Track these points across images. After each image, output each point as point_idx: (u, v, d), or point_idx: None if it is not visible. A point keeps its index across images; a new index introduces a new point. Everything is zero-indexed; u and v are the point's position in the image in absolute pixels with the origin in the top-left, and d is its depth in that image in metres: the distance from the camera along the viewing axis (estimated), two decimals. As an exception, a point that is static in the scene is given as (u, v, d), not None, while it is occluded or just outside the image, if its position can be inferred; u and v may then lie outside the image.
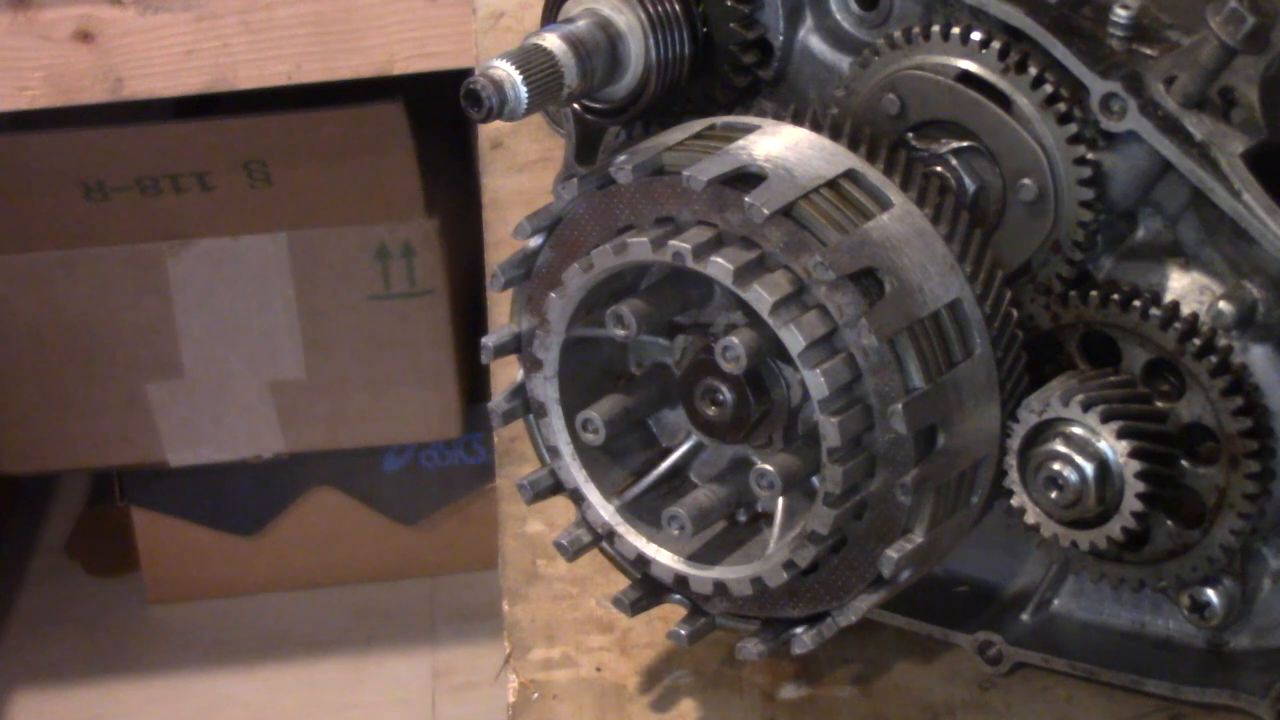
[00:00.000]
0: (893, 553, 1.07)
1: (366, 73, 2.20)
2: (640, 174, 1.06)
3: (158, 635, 3.16)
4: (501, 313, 1.12)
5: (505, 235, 1.42)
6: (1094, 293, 1.12)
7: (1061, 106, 1.09)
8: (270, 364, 2.88)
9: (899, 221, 1.07)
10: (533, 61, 1.10)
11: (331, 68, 2.20)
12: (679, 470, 1.16)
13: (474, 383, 2.91)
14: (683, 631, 1.15)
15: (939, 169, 1.13)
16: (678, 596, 1.16)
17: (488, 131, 1.52)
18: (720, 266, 1.03)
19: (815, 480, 1.07)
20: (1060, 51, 1.08)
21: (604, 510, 1.14)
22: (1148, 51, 1.10)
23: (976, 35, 1.11)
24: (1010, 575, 1.22)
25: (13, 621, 3.15)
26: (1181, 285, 1.12)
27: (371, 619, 3.19)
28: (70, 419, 2.90)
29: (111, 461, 2.98)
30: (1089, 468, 1.08)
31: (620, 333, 1.09)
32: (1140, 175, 1.10)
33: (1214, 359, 1.09)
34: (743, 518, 1.15)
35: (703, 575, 1.12)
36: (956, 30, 1.11)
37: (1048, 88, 1.09)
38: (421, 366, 2.87)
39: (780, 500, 1.09)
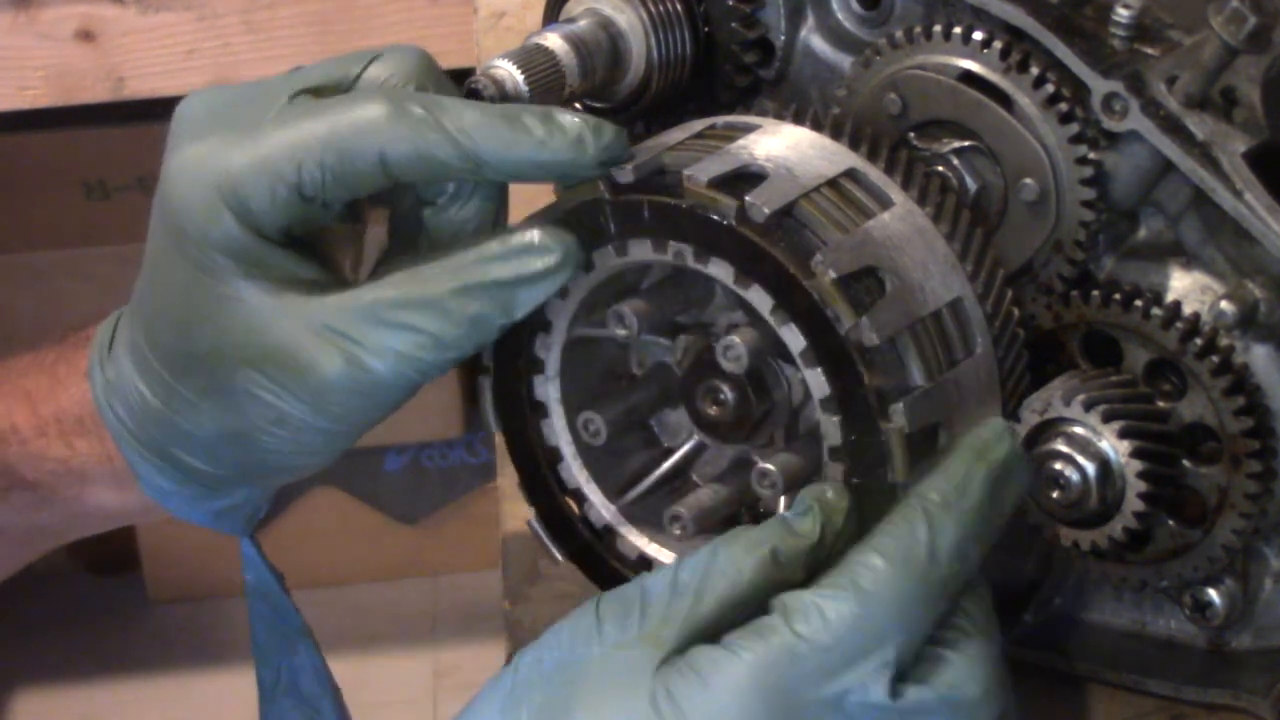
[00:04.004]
0: (894, 552, 1.07)
1: (367, 72, 2.19)
2: (641, 174, 1.06)
3: (158, 635, 3.17)
4: (503, 312, 1.12)
5: (506, 235, 1.42)
6: (1095, 292, 1.12)
7: (1063, 106, 1.09)
8: (271, 364, 2.88)
9: (900, 220, 1.07)
10: (534, 61, 1.10)
11: (332, 68, 2.19)
12: (681, 470, 1.16)
13: (475, 382, 2.92)
14: None
15: (940, 168, 1.13)
16: None
17: (489, 131, 1.52)
18: (721, 267, 1.03)
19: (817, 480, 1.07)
20: (1062, 51, 1.09)
21: (605, 510, 1.14)
22: (1149, 51, 1.11)
23: (978, 35, 1.11)
24: (1011, 575, 1.22)
25: (13, 621, 3.16)
26: (1183, 285, 1.12)
27: (373, 618, 3.20)
28: (71, 419, 2.90)
29: (112, 461, 2.98)
30: (1091, 467, 1.08)
31: (622, 332, 1.09)
32: (1142, 175, 1.10)
33: (1215, 359, 1.09)
34: (745, 518, 1.15)
35: (704, 575, 1.12)
36: (958, 30, 1.11)
37: (1049, 87, 1.09)
38: (422, 366, 2.87)
39: (782, 500, 1.09)
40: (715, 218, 1.03)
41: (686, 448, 1.16)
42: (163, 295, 1.07)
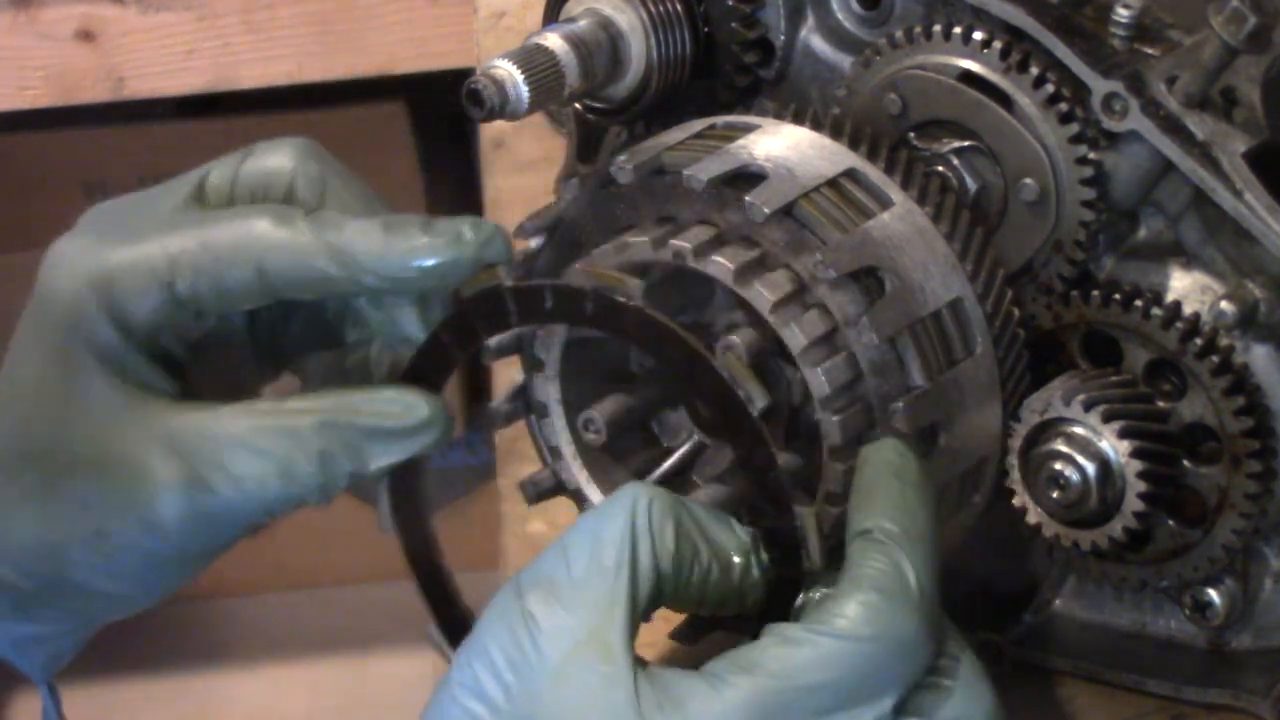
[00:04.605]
0: (894, 552, 1.07)
1: (368, 72, 2.20)
2: (641, 173, 1.06)
3: (158, 635, 3.16)
4: (503, 312, 1.12)
5: (507, 235, 1.42)
6: (1095, 292, 1.12)
7: (1063, 106, 1.09)
8: (271, 364, 2.88)
9: (900, 220, 1.07)
10: (534, 61, 1.10)
11: (333, 67, 2.20)
12: (681, 470, 1.16)
13: (475, 383, 2.92)
14: (686, 632, 1.15)
15: (940, 168, 1.13)
16: None
17: (489, 131, 1.52)
18: (721, 266, 1.03)
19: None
20: (1062, 51, 1.09)
21: (605, 510, 1.14)
22: (1149, 51, 1.11)
23: (978, 35, 1.11)
24: (1011, 575, 1.22)
25: (13, 621, 3.15)
26: (1183, 285, 1.12)
27: (372, 619, 3.19)
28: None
29: (112, 461, 2.98)
30: (1091, 467, 1.08)
31: (621, 332, 1.09)
32: (1142, 175, 1.10)
33: (1215, 359, 1.09)
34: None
35: (704, 575, 1.12)
36: (958, 30, 1.11)
37: (1049, 87, 1.09)
38: (422, 366, 2.87)
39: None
40: (621, 300, 1.00)
41: (686, 448, 1.16)
42: (13, 389, 1.03)
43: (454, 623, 1.12)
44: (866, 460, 0.98)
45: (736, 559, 0.97)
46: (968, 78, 1.11)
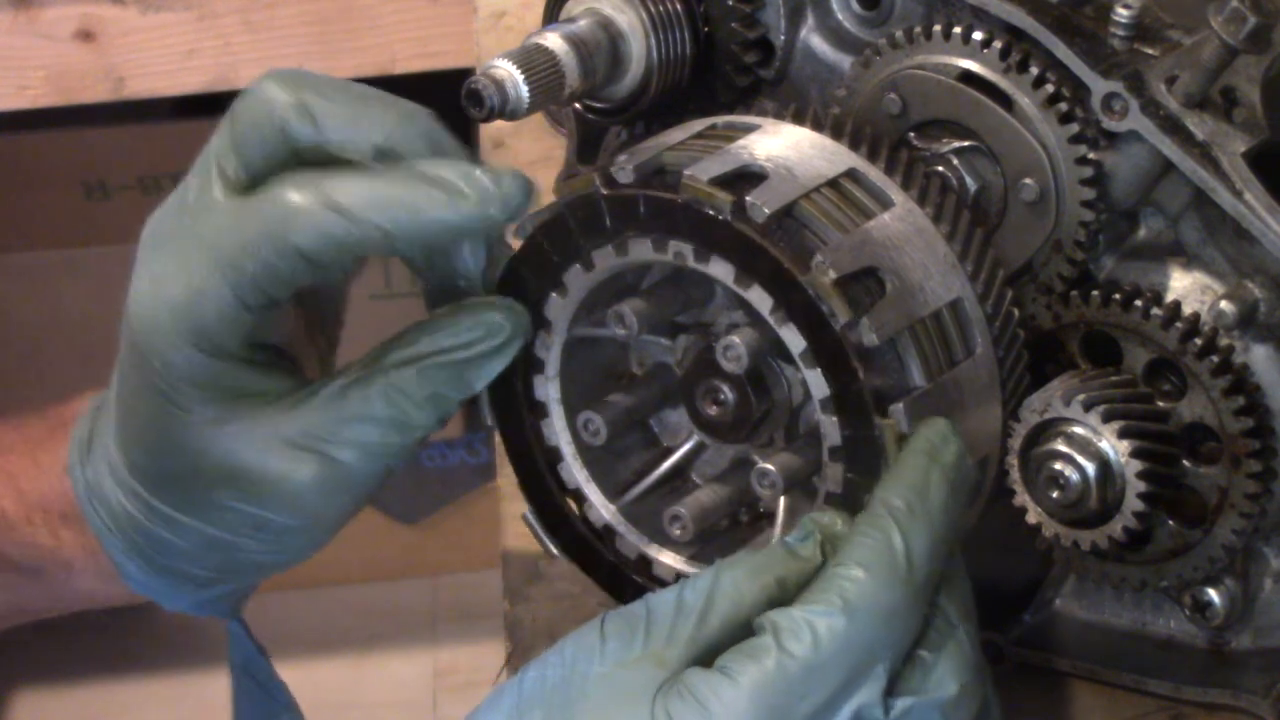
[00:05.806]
0: (894, 552, 1.07)
1: (368, 72, 2.19)
2: (641, 174, 1.06)
3: (158, 635, 3.16)
4: (503, 313, 1.12)
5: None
6: (1095, 292, 1.12)
7: (1063, 106, 1.09)
8: (271, 364, 2.88)
9: (900, 221, 1.07)
10: (534, 61, 1.10)
11: (333, 67, 2.19)
12: (681, 470, 1.16)
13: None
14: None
15: (940, 168, 1.13)
16: None
17: (489, 131, 1.52)
18: (722, 266, 1.03)
19: (816, 480, 1.07)
20: (1062, 51, 1.09)
21: (605, 510, 1.14)
22: (1149, 51, 1.11)
23: (978, 35, 1.11)
24: (1011, 575, 1.22)
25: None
26: (1183, 285, 1.12)
27: (372, 618, 3.20)
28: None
29: (112, 461, 2.98)
30: (1090, 467, 1.08)
31: (622, 332, 1.09)
32: (1142, 175, 1.10)
33: (1215, 359, 1.09)
34: (745, 518, 1.15)
35: (704, 575, 1.12)
36: (958, 30, 1.11)
37: (1049, 87, 1.09)
38: (422, 366, 2.87)
39: (782, 500, 1.09)
40: (711, 213, 1.03)
41: (686, 448, 1.16)
42: (133, 418, 1.09)
43: (549, 511, 1.16)
44: (912, 435, 1.02)
45: None
46: (968, 78, 1.11)
